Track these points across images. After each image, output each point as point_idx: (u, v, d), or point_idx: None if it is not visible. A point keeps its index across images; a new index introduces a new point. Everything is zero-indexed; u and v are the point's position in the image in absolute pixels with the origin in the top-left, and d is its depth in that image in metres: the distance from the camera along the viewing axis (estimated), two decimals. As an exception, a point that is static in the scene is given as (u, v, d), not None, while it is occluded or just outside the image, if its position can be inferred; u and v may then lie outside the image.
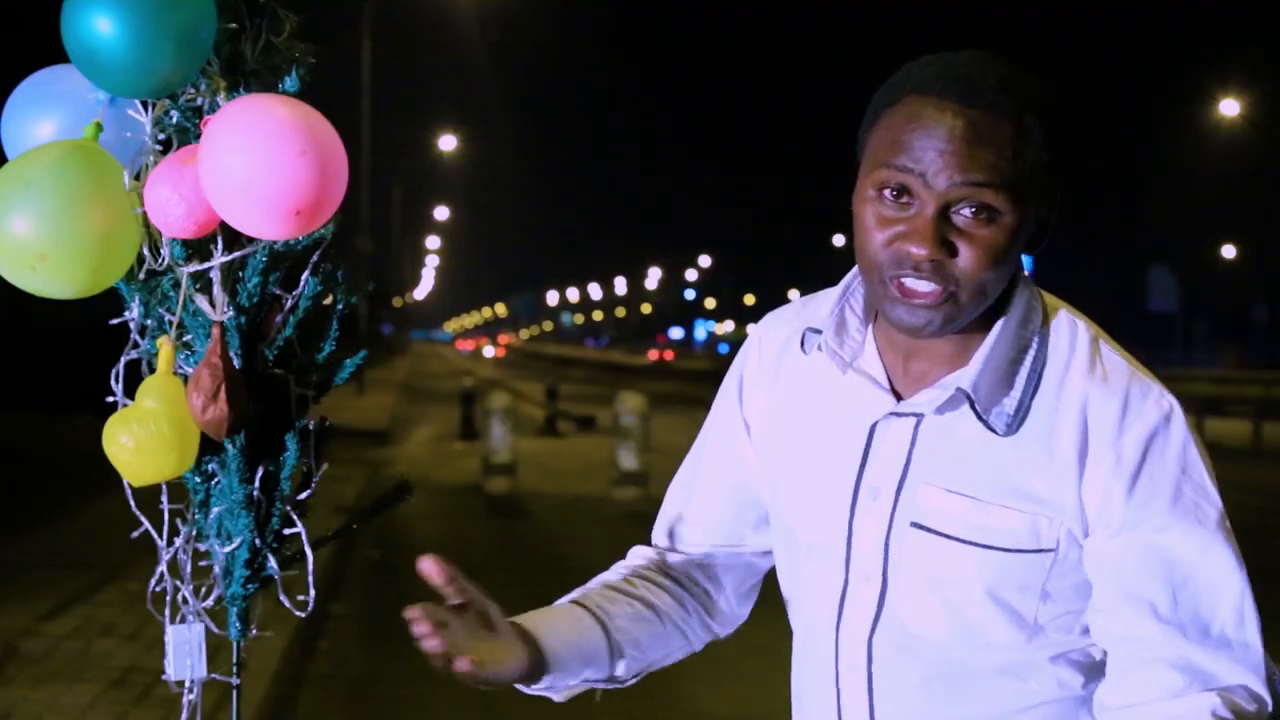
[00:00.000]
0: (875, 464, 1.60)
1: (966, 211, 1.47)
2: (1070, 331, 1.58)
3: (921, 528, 1.56)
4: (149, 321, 2.36)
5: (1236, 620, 1.51)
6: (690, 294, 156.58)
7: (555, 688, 1.71)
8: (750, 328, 1.91)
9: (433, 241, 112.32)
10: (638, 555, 1.92)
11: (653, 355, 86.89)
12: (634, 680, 1.79)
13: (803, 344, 1.69)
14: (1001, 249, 1.49)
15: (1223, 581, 1.52)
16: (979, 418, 1.53)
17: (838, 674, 1.65)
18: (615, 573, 1.87)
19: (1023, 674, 1.57)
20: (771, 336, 1.79)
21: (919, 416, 1.58)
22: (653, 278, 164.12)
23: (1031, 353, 1.55)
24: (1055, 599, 1.55)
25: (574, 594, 1.81)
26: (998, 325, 1.55)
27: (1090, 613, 1.56)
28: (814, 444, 1.67)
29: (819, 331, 1.66)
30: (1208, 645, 1.50)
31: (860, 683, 1.63)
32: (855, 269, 1.64)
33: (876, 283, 1.54)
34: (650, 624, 1.78)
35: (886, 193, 1.51)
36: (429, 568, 1.54)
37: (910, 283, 1.50)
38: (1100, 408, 1.51)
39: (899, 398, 1.61)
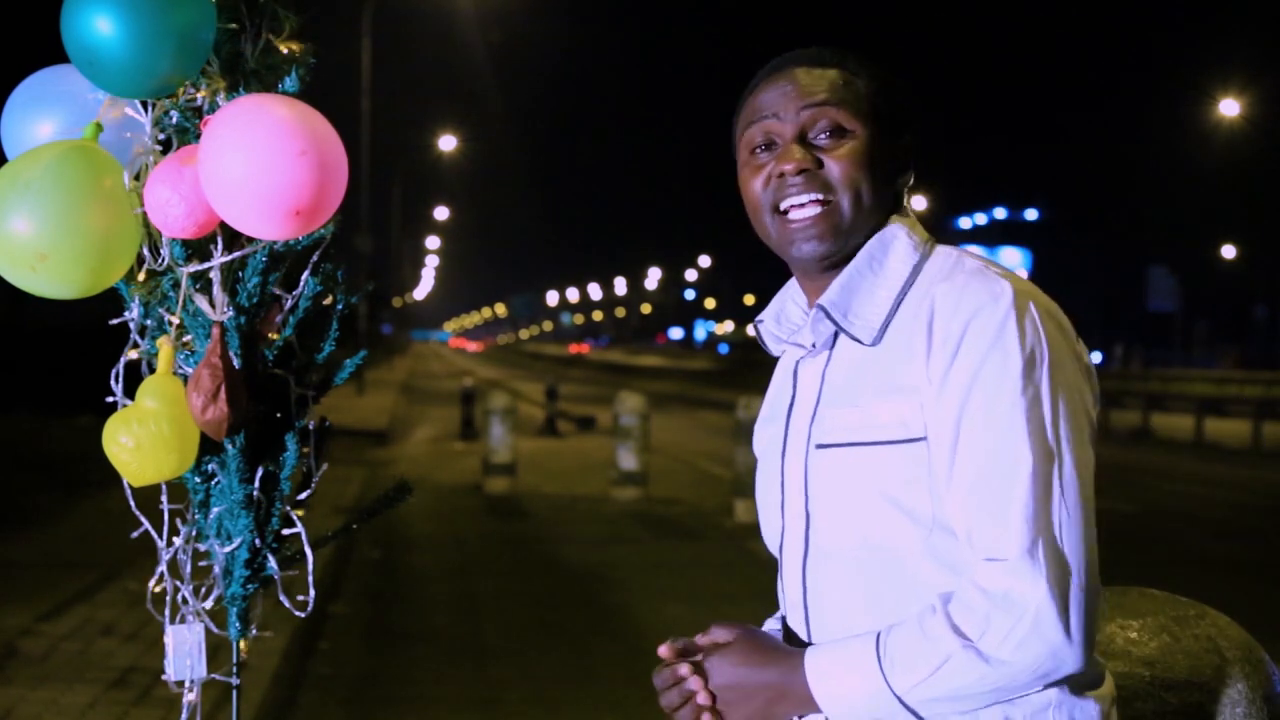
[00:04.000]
0: (798, 408, 1.77)
1: (823, 137, 1.71)
2: (945, 256, 1.72)
3: (822, 446, 1.70)
4: (149, 322, 2.36)
5: (1010, 499, 1.55)
6: (690, 294, 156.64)
7: None
8: None
9: (433, 242, 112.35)
10: None
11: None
12: None
13: (762, 345, 1.88)
14: (861, 158, 1.70)
15: (1006, 460, 1.56)
16: (839, 327, 1.70)
17: (785, 617, 1.79)
18: None
19: (927, 592, 1.62)
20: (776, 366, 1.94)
21: (829, 353, 1.74)
22: (653, 278, 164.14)
23: (904, 277, 1.71)
24: (943, 496, 1.62)
25: (772, 621, 1.93)
26: (860, 253, 1.73)
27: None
28: (770, 420, 1.85)
29: (762, 321, 1.86)
30: (980, 528, 1.56)
31: (800, 619, 1.74)
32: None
33: (770, 226, 1.74)
34: None
35: (758, 150, 1.75)
36: (663, 651, 1.72)
37: (793, 205, 1.71)
38: (943, 298, 1.65)
39: None
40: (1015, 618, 1.52)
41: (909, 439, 1.62)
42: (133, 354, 2.35)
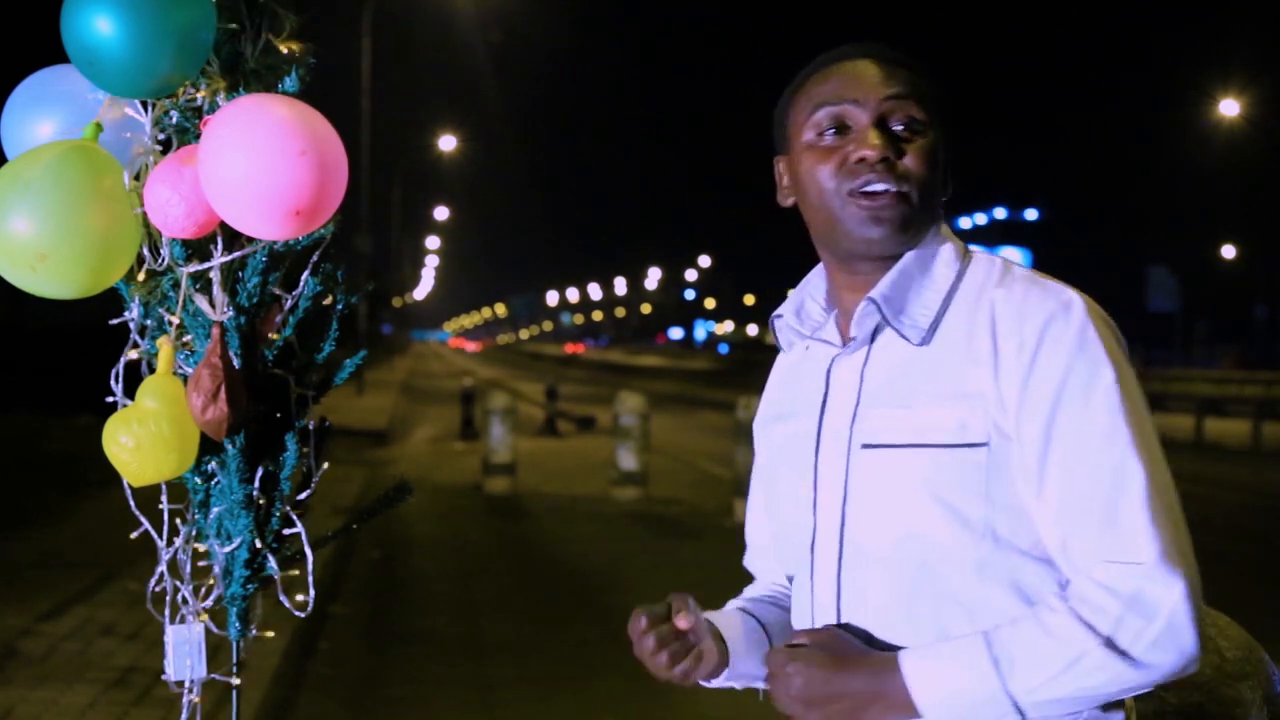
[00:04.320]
0: (833, 406, 1.73)
1: (899, 126, 1.69)
2: (989, 263, 1.73)
3: (869, 446, 1.67)
4: (149, 321, 2.36)
5: (1129, 504, 1.55)
6: (690, 294, 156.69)
7: (729, 682, 1.85)
8: None
9: (433, 242, 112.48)
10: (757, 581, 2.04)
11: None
12: None
13: (776, 341, 1.86)
14: (934, 155, 1.70)
15: (1113, 467, 1.56)
16: (888, 323, 1.68)
17: (813, 622, 1.74)
18: (758, 588, 2.01)
19: (970, 602, 1.61)
20: (778, 362, 1.94)
21: (867, 351, 1.72)
22: (653, 278, 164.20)
23: (950, 280, 1.70)
24: (1001, 503, 1.60)
25: (737, 602, 1.95)
26: (908, 253, 1.71)
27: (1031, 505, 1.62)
28: (788, 417, 1.82)
29: (780, 316, 1.84)
30: (1095, 531, 1.55)
31: (829, 621, 1.70)
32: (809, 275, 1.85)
33: (837, 210, 1.70)
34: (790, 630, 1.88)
35: (827, 133, 1.71)
36: (683, 623, 1.74)
37: (869, 190, 1.67)
38: (1005, 305, 1.64)
39: None
40: (1148, 619, 1.51)
41: (968, 443, 1.60)
42: (133, 354, 2.35)
